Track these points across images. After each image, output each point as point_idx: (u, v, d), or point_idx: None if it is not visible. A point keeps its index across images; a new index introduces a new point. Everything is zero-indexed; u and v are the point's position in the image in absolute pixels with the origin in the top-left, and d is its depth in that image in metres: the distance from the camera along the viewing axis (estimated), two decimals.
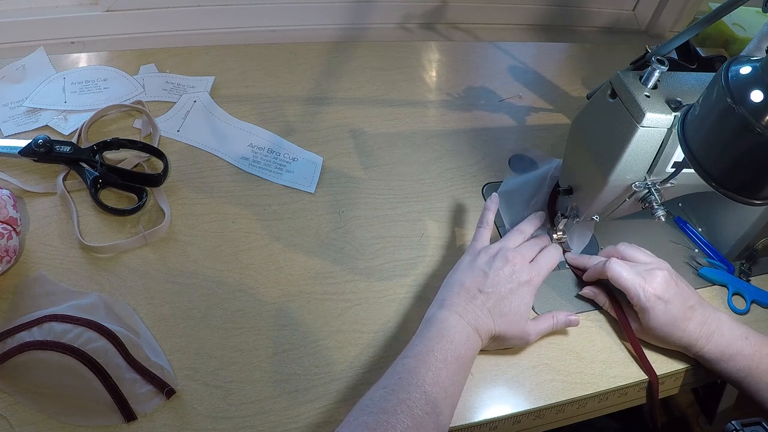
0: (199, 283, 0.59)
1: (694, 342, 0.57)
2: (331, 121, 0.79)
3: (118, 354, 0.51)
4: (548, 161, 0.75)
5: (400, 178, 0.74)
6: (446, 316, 0.53)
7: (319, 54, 0.89)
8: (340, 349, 0.57)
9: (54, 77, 0.77)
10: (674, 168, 0.54)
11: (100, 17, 0.87)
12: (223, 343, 0.55)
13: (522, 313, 0.55)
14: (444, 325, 0.52)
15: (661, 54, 0.65)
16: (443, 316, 0.53)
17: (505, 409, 0.55)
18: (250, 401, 0.52)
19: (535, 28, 1.12)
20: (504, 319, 0.54)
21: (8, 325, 0.51)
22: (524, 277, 0.56)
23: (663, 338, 0.58)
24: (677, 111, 0.50)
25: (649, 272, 0.58)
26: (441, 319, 0.53)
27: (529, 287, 0.56)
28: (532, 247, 0.61)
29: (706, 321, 0.57)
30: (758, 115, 0.40)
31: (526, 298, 0.56)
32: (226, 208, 0.66)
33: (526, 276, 0.56)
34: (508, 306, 0.55)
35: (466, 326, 0.52)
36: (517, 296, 0.55)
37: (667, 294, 0.57)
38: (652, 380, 0.59)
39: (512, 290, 0.55)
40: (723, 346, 0.57)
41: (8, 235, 0.55)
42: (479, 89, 0.90)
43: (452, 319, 0.52)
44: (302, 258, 0.63)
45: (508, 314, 0.54)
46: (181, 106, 0.77)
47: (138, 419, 0.49)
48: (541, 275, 0.58)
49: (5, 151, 0.66)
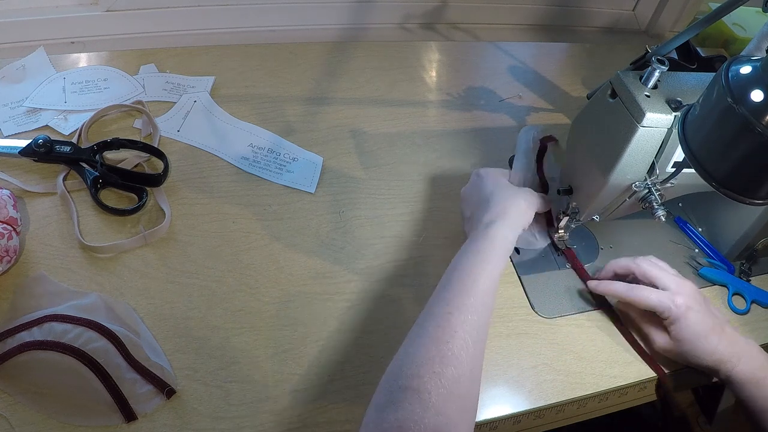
0: (199, 283, 0.59)
1: (726, 359, 0.55)
2: (331, 121, 0.79)
3: (118, 354, 0.51)
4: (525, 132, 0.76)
5: (400, 178, 0.74)
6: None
7: (319, 54, 0.89)
8: (339, 349, 0.57)
9: (54, 77, 0.77)
10: (674, 168, 0.54)
11: (100, 17, 0.87)
12: (223, 343, 0.55)
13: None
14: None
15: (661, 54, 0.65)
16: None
17: (505, 409, 0.55)
18: (250, 401, 0.52)
19: (535, 28, 1.12)
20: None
21: (8, 325, 0.51)
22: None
23: (692, 352, 0.56)
24: (677, 111, 0.50)
25: (676, 281, 0.57)
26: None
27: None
28: None
29: (737, 341, 0.56)
30: (758, 115, 0.40)
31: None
32: (227, 208, 0.66)
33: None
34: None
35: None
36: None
37: (698, 304, 0.56)
38: (661, 377, 0.59)
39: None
40: (755, 368, 0.55)
41: (8, 235, 0.55)
42: (479, 89, 0.90)
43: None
44: (302, 258, 0.63)
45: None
46: (181, 106, 0.77)
47: (138, 419, 0.49)
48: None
49: (5, 151, 0.66)
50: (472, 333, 0.46)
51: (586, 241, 0.71)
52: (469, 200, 0.63)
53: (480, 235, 0.55)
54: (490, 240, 0.54)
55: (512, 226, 0.57)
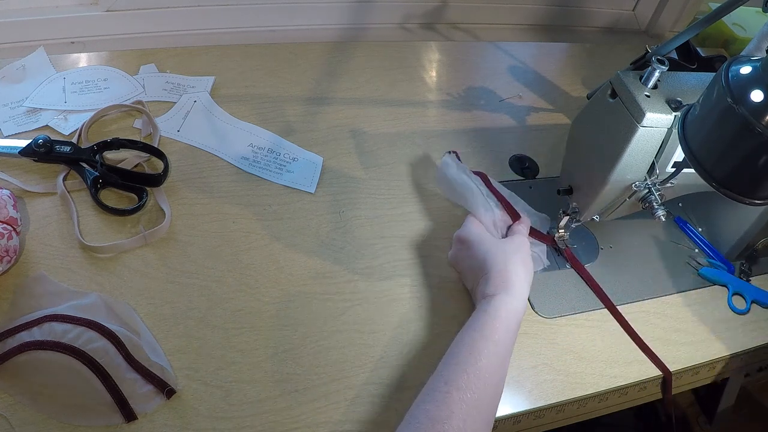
0: (199, 283, 0.59)
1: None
2: (331, 121, 0.79)
3: (118, 354, 0.51)
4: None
5: (400, 178, 0.74)
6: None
7: (319, 54, 0.89)
8: (340, 349, 0.57)
9: (54, 77, 0.77)
10: (674, 168, 0.54)
11: (100, 17, 0.87)
12: (223, 343, 0.55)
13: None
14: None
15: (661, 54, 0.65)
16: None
17: (505, 409, 0.55)
18: (250, 401, 0.52)
19: (535, 28, 1.12)
20: None
21: (8, 325, 0.51)
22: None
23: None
24: (677, 111, 0.50)
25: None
26: None
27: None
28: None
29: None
30: (758, 115, 0.40)
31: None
32: (227, 208, 0.66)
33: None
34: None
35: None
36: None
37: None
38: (666, 376, 0.59)
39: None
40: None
41: (8, 235, 0.55)
42: (479, 89, 0.90)
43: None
44: (302, 258, 0.63)
45: None
46: (182, 106, 0.77)
47: (138, 419, 0.49)
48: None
49: (5, 151, 0.66)
50: (471, 412, 0.45)
51: (586, 241, 0.71)
52: (465, 273, 0.61)
53: (482, 308, 0.54)
54: (492, 315, 0.52)
55: (517, 295, 0.55)
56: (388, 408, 0.53)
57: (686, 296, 0.67)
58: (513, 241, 0.60)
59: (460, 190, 0.65)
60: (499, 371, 0.50)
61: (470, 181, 0.66)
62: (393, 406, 0.53)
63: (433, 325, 0.60)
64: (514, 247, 0.59)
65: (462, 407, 0.45)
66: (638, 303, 0.66)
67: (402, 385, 0.55)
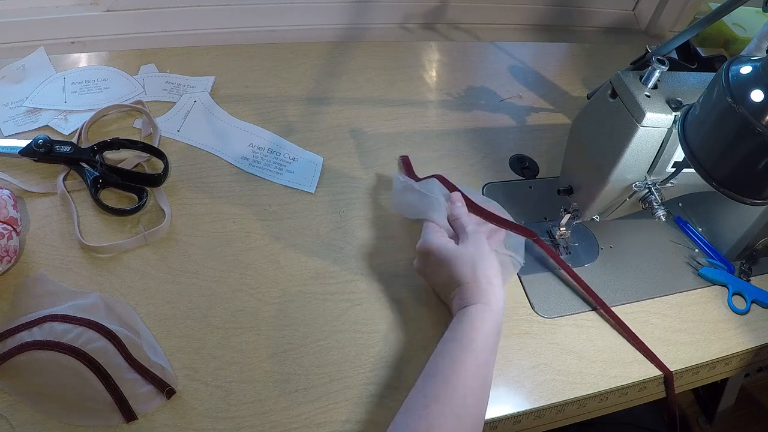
0: (199, 283, 0.59)
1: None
2: (331, 121, 0.79)
3: (118, 354, 0.51)
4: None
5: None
6: None
7: (319, 54, 0.89)
8: (340, 349, 0.57)
9: (54, 77, 0.77)
10: (674, 168, 0.54)
11: (100, 17, 0.87)
12: (223, 343, 0.55)
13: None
14: None
15: (661, 54, 0.65)
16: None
17: (505, 409, 0.55)
18: (250, 401, 0.52)
19: (535, 28, 1.12)
20: None
21: (8, 325, 0.51)
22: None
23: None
24: (677, 111, 0.51)
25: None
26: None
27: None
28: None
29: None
30: (758, 115, 0.40)
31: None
32: (227, 208, 0.66)
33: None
34: None
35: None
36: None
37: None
38: (667, 375, 0.59)
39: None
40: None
41: (8, 235, 0.55)
42: (479, 89, 0.90)
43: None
44: (302, 258, 0.63)
45: None
46: (182, 106, 0.77)
47: (138, 419, 0.49)
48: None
49: (5, 151, 0.66)
50: (451, 423, 0.46)
51: (586, 241, 0.71)
52: (436, 287, 0.60)
53: (458, 319, 0.53)
54: (469, 326, 0.52)
55: (492, 301, 0.53)
56: (388, 408, 0.53)
57: (686, 296, 0.67)
58: (471, 242, 0.57)
59: (416, 205, 0.63)
60: (480, 379, 0.50)
61: (420, 189, 0.64)
62: (393, 406, 0.53)
63: (433, 325, 0.60)
64: (475, 249, 0.56)
65: (441, 419, 0.45)
66: (638, 303, 0.66)
67: (402, 386, 0.55)
